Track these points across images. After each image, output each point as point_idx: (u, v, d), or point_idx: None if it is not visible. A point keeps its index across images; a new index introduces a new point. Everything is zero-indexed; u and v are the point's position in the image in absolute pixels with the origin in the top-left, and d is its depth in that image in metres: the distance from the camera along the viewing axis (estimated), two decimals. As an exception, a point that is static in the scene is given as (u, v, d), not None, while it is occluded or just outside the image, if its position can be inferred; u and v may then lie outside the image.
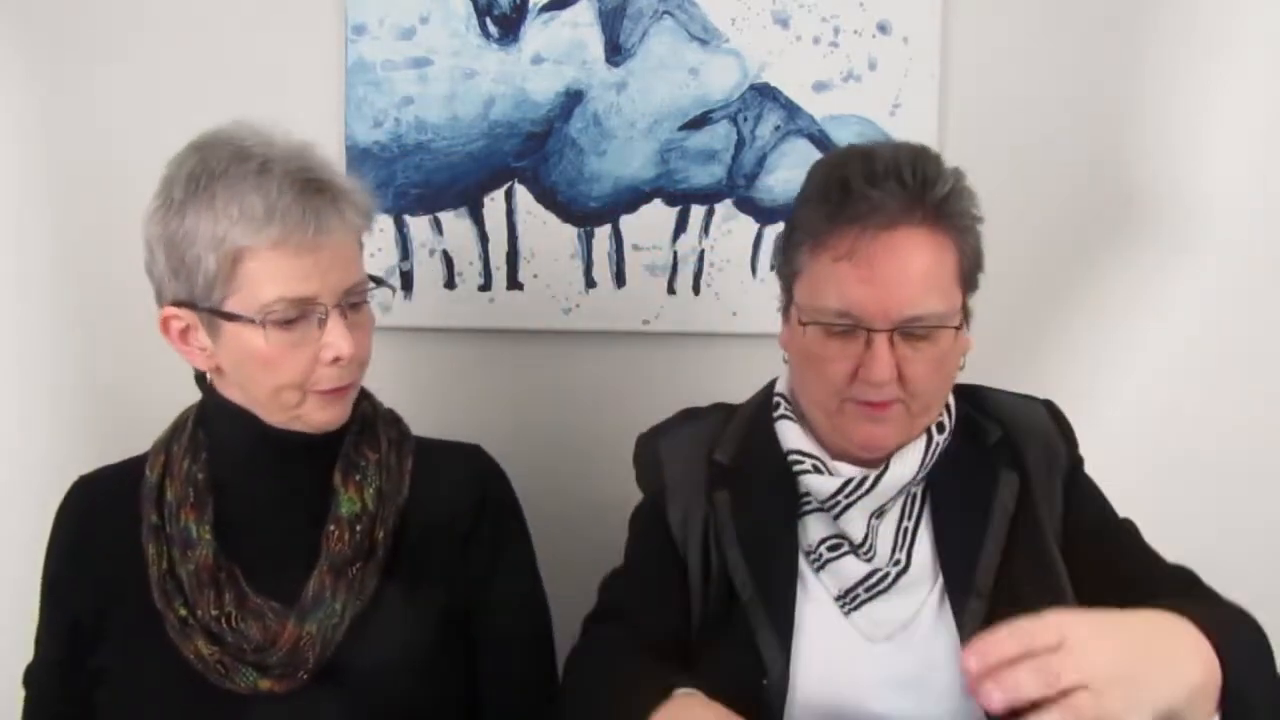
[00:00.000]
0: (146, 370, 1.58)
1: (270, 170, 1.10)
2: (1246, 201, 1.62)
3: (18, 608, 1.26)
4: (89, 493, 1.26)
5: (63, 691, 1.20)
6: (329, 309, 1.12)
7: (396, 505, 1.22)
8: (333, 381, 1.15)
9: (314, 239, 1.10)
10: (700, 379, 1.58)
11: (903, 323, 1.09)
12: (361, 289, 1.17)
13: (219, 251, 1.09)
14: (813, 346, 1.13)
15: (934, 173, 1.11)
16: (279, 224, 1.08)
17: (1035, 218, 1.62)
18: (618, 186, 1.62)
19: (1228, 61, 1.61)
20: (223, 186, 1.10)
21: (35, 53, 1.59)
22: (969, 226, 1.14)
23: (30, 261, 1.61)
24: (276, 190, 1.09)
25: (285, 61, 1.60)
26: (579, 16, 1.60)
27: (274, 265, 1.09)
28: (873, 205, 1.08)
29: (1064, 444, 1.22)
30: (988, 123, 1.61)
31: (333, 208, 1.12)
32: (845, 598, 1.16)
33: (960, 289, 1.13)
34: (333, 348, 1.12)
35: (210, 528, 1.17)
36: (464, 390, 1.63)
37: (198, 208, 1.10)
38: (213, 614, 1.14)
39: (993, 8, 1.60)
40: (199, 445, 1.21)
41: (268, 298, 1.10)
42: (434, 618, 1.21)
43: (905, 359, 1.10)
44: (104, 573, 1.20)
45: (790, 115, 1.60)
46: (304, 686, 1.14)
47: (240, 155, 1.11)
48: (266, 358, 1.12)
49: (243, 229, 1.08)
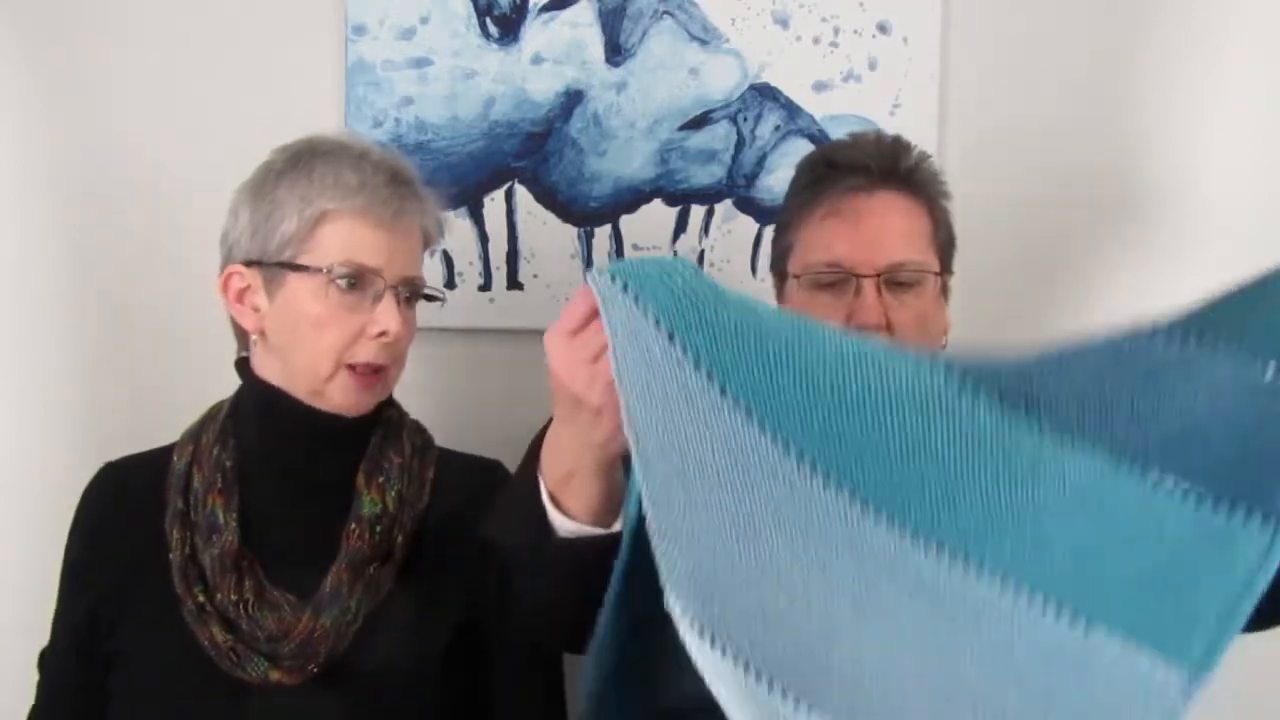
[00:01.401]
0: (151, 366, 1.59)
1: (368, 157, 1.21)
2: (1248, 201, 1.62)
3: (23, 600, 1.26)
4: (115, 479, 1.29)
5: (77, 676, 1.23)
6: (386, 286, 1.18)
7: (416, 511, 1.24)
8: (369, 356, 1.18)
9: (392, 220, 1.19)
10: (700, 379, 1.58)
11: (887, 268, 1.19)
12: (417, 286, 1.24)
13: (303, 213, 1.17)
14: (804, 303, 1.21)
15: (902, 147, 1.26)
16: (366, 196, 1.18)
17: (1035, 217, 1.62)
18: (618, 186, 1.62)
19: (1228, 61, 1.60)
20: (322, 162, 1.20)
21: (35, 53, 1.59)
22: (937, 196, 1.26)
23: (30, 260, 1.61)
24: (371, 171, 1.19)
25: (285, 61, 1.59)
26: (579, 16, 1.59)
27: (350, 231, 1.18)
28: (853, 168, 1.22)
29: None
30: (988, 123, 1.61)
31: (415, 201, 1.22)
32: None
33: (936, 255, 1.24)
34: (381, 322, 1.18)
35: (236, 515, 1.20)
36: (463, 390, 1.63)
37: (294, 178, 1.19)
38: (232, 599, 1.16)
39: (993, 8, 1.60)
40: (229, 433, 1.24)
41: (337, 256, 1.17)
42: (445, 624, 1.22)
43: (892, 307, 1.19)
44: (125, 558, 1.22)
45: (790, 115, 1.60)
46: (312, 680, 1.15)
47: (342, 145, 1.22)
48: (318, 317, 1.17)
49: (332, 195, 1.17)
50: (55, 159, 1.60)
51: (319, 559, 1.19)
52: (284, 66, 1.59)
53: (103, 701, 1.21)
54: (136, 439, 1.33)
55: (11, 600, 1.52)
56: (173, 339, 1.55)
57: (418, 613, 1.21)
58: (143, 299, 1.59)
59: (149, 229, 1.58)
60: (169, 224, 1.58)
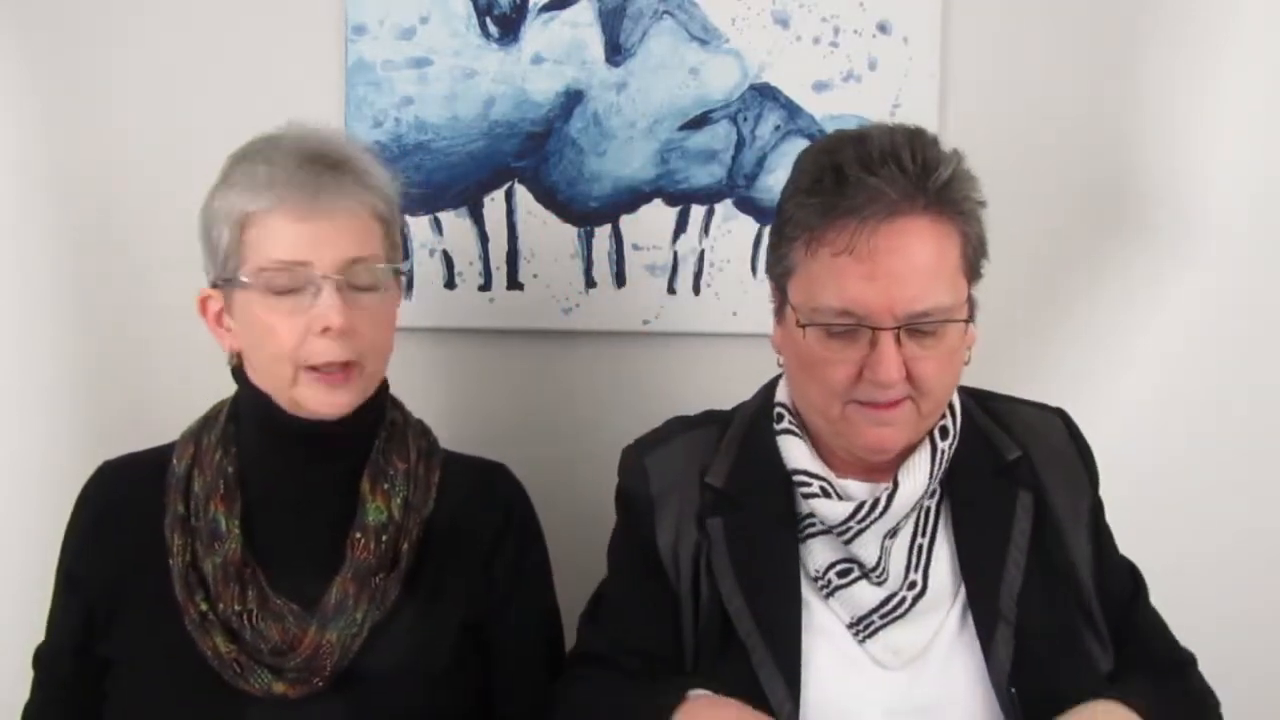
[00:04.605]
0: (151, 366, 1.59)
1: (279, 145, 1.16)
2: (1246, 200, 1.62)
3: (24, 598, 1.26)
4: (113, 479, 1.27)
5: (73, 678, 1.22)
6: (322, 279, 1.13)
7: (421, 517, 1.22)
8: (323, 355, 1.14)
9: (310, 206, 1.12)
10: (700, 379, 1.58)
11: (909, 319, 1.02)
12: (366, 267, 1.16)
13: (229, 221, 1.14)
14: (813, 349, 1.06)
15: (934, 156, 1.04)
16: (278, 189, 1.12)
17: (1035, 217, 1.61)
18: (618, 186, 1.62)
19: (1227, 60, 1.61)
20: (240, 165, 1.16)
21: (35, 54, 1.59)
22: (972, 212, 1.07)
23: (30, 259, 1.61)
24: (280, 159, 1.14)
25: (285, 61, 1.59)
26: (579, 16, 1.59)
27: (272, 229, 1.13)
28: (871, 194, 1.01)
29: (1086, 476, 1.18)
30: (988, 123, 1.60)
31: (336, 181, 1.14)
32: (859, 625, 1.09)
33: (966, 279, 1.08)
34: (322, 318, 1.12)
35: (239, 522, 1.18)
36: (463, 390, 1.63)
37: (223, 188, 1.17)
38: (235, 609, 1.15)
39: (993, 8, 1.60)
40: (230, 438, 1.22)
41: (264, 259, 1.13)
42: (449, 632, 1.21)
43: (913, 358, 1.03)
44: (122, 561, 1.20)
45: (790, 115, 1.60)
46: (316, 692, 1.14)
47: (270, 137, 1.18)
48: (265, 325, 1.14)
49: (246, 195, 1.13)
50: (55, 159, 1.60)
51: (323, 566, 1.17)
52: (284, 66, 1.59)
53: (98, 702, 1.20)
54: (137, 439, 1.33)
55: (11, 601, 1.52)
56: (174, 339, 1.54)
57: (422, 620, 1.19)
58: (144, 299, 1.59)
59: (149, 229, 1.58)
60: (169, 224, 1.57)
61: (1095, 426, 1.26)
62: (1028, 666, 1.07)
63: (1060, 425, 1.21)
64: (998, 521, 1.12)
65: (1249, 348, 1.64)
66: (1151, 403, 1.64)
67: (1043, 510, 1.13)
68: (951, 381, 1.10)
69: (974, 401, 1.19)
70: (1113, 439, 1.59)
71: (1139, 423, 1.63)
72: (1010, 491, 1.13)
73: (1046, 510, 1.13)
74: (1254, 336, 1.64)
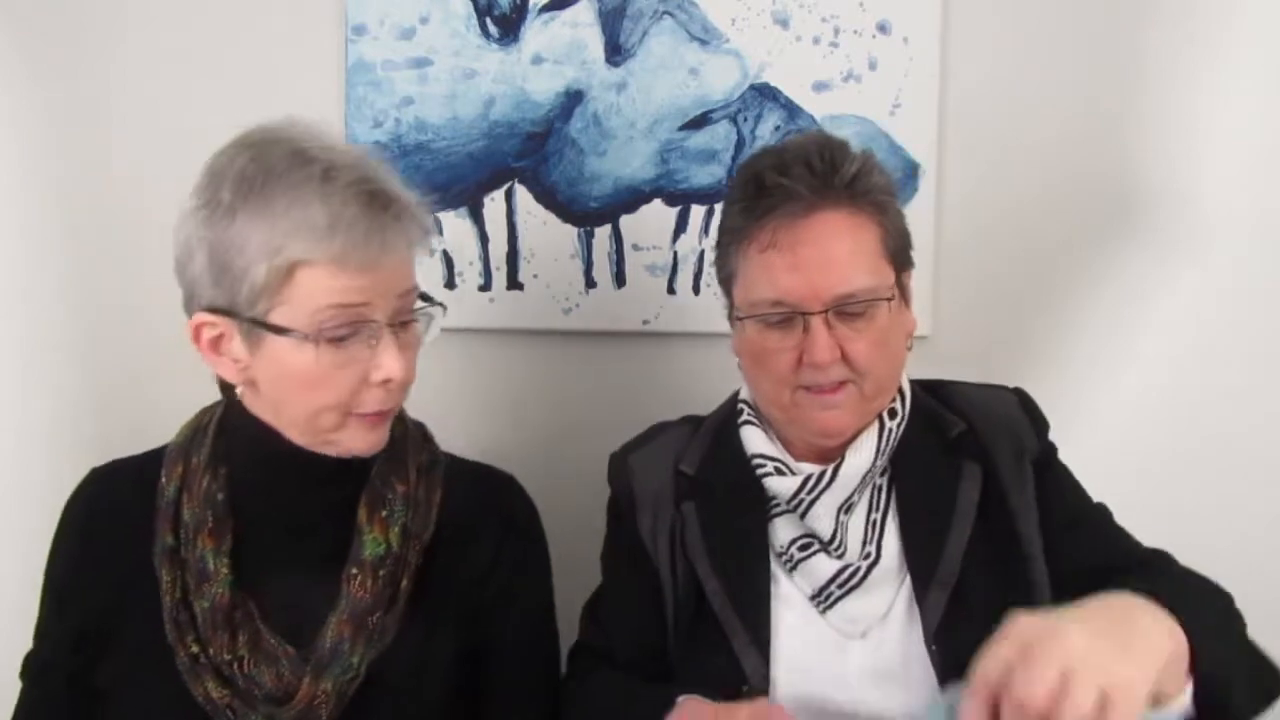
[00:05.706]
0: (152, 368, 1.59)
1: (334, 179, 1.02)
2: (1244, 201, 1.62)
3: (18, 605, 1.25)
4: (102, 489, 1.21)
5: (61, 694, 1.16)
6: (382, 327, 1.05)
7: (422, 544, 1.16)
8: (378, 404, 1.08)
9: (377, 257, 1.03)
10: (700, 379, 1.58)
11: (834, 301, 1.11)
12: (411, 301, 1.10)
13: (272, 262, 1.01)
14: (756, 342, 1.15)
15: (841, 156, 1.14)
16: (342, 238, 1.01)
17: (1034, 217, 1.62)
18: (618, 186, 1.62)
19: (1226, 62, 1.61)
20: (281, 191, 1.02)
21: (35, 54, 1.59)
22: (885, 203, 1.16)
23: (30, 258, 1.61)
24: (340, 201, 1.02)
25: (285, 61, 1.59)
26: (579, 16, 1.59)
27: (330, 279, 1.02)
28: (786, 194, 1.11)
29: (1033, 432, 1.22)
30: (988, 123, 1.61)
31: (397, 225, 1.05)
32: (819, 596, 1.17)
33: (890, 265, 1.15)
34: (384, 369, 1.05)
35: (228, 560, 1.11)
36: (463, 390, 1.63)
37: (250, 212, 1.02)
38: (225, 657, 1.09)
39: (993, 8, 1.60)
40: (219, 458, 1.15)
41: (320, 308, 1.02)
42: (449, 659, 1.17)
43: (845, 338, 1.12)
44: (113, 581, 1.15)
45: (790, 115, 1.60)
46: None
47: (300, 158, 1.03)
48: (311, 377, 1.04)
49: (303, 241, 1.01)
50: (55, 159, 1.60)
51: (318, 601, 1.12)
52: (284, 66, 1.59)
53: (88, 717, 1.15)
54: (137, 441, 1.32)
55: (10, 602, 1.51)
56: (174, 342, 1.54)
57: (421, 650, 1.14)
58: (144, 300, 1.58)
59: (148, 230, 1.57)
60: (169, 225, 1.57)
61: (1097, 424, 1.27)
62: (960, 626, 1.11)
63: (1012, 399, 1.26)
64: (943, 492, 1.18)
65: (1249, 346, 1.64)
66: (1153, 401, 1.64)
67: (991, 479, 1.19)
68: (890, 364, 1.17)
69: (923, 389, 1.26)
70: (1114, 437, 1.60)
71: (1141, 421, 1.63)
72: (955, 463, 1.20)
73: (994, 479, 1.19)
74: (1254, 334, 1.64)
